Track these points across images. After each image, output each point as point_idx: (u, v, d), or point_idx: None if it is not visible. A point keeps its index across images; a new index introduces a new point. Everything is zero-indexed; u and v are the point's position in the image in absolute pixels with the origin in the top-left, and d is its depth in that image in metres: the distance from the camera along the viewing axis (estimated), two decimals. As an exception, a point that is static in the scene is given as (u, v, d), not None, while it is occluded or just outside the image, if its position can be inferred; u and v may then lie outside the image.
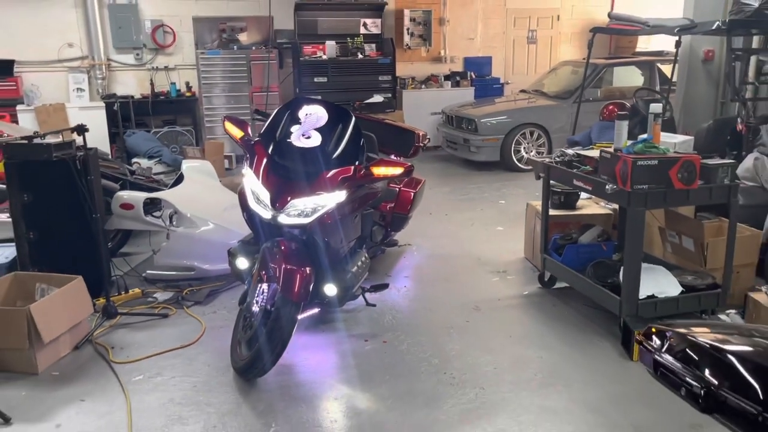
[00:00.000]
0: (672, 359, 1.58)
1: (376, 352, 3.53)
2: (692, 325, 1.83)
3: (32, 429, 2.84)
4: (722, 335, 1.65)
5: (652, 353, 1.68)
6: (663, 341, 1.69)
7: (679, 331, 1.70)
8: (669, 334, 1.70)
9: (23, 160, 3.94)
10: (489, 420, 2.88)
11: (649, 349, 1.73)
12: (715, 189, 3.46)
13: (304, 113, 3.37)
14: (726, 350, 1.48)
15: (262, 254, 3.25)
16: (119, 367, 3.37)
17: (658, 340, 1.71)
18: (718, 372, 1.43)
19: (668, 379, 1.61)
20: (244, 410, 2.98)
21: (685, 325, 1.84)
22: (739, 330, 1.71)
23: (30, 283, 3.65)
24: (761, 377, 1.33)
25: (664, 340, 1.70)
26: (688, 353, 1.57)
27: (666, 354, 1.63)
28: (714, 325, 1.75)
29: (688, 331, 1.69)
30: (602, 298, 3.72)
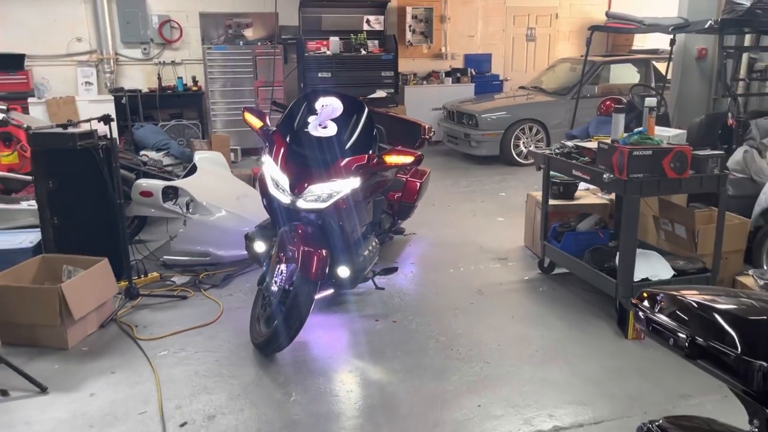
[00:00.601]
0: (662, 316, 1.78)
1: (387, 331, 3.74)
2: (683, 289, 2.00)
3: (68, 398, 3.04)
4: (710, 296, 1.83)
5: (646, 313, 1.87)
6: (654, 303, 1.88)
7: (669, 293, 1.89)
8: (660, 296, 1.88)
9: (49, 149, 4.13)
10: (494, 391, 3.10)
11: (642, 310, 1.91)
12: (705, 178, 3.68)
13: (320, 104, 3.58)
14: (709, 305, 1.68)
15: (281, 237, 3.46)
16: (144, 344, 3.57)
17: (649, 302, 1.90)
18: (701, 324, 1.63)
19: (659, 333, 1.80)
20: (265, 382, 3.19)
21: (676, 288, 2.02)
22: (726, 292, 1.92)
23: (57, 265, 3.85)
24: (738, 326, 1.54)
25: (655, 302, 1.88)
26: (676, 310, 1.76)
27: (657, 313, 1.82)
28: (703, 288, 1.96)
29: (678, 292, 1.87)
30: (599, 282, 3.93)
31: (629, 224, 3.67)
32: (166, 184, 4.66)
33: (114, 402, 3.00)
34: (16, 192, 5.91)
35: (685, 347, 1.65)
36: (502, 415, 2.89)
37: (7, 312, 3.45)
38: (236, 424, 2.83)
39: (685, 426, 1.60)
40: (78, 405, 2.97)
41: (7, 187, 5.94)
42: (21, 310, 3.43)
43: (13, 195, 5.79)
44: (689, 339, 1.62)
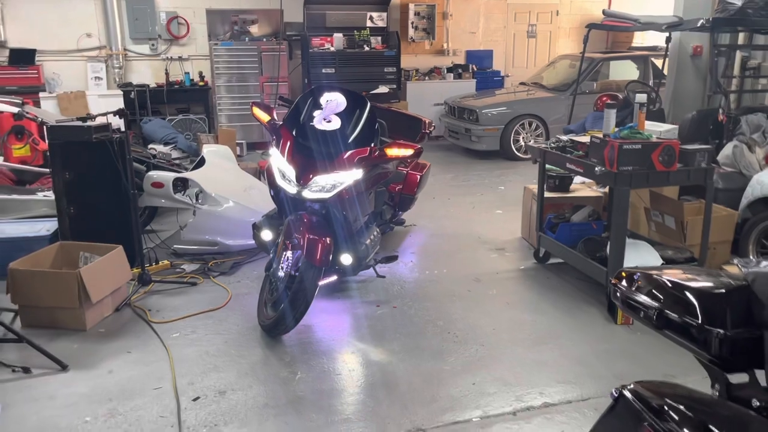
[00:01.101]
0: (636, 292, 1.96)
1: (387, 316, 3.92)
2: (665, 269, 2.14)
3: (87, 374, 3.24)
4: (681, 274, 1.99)
5: (622, 290, 2.05)
6: (632, 282, 2.05)
7: (645, 272, 2.07)
8: (637, 276, 2.06)
9: (66, 141, 4.31)
10: (488, 370, 3.28)
11: (619, 288, 2.09)
12: (692, 171, 3.85)
13: (325, 99, 3.75)
14: (678, 282, 1.85)
15: (287, 226, 3.64)
16: (157, 326, 3.76)
17: (627, 281, 2.07)
18: (668, 297, 1.81)
19: (633, 308, 1.98)
20: (272, 361, 3.38)
21: (658, 269, 2.17)
22: (696, 271, 2.09)
23: (74, 252, 4.04)
24: (700, 299, 1.72)
25: (632, 281, 2.06)
26: (648, 287, 1.94)
27: (633, 290, 2.00)
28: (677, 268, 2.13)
29: (654, 272, 2.05)
30: (591, 270, 4.11)
31: (619, 214, 3.84)
32: (177, 175, 4.85)
33: (131, 378, 3.20)
34: (30, 183, 6.11)
35: (653, 319, 1.83)
36: (496, 393, 3.08)
37: (29, 295, 3.65)
38: (245, 399, 3.02)
39: (652, 389, 1.78)
40: (97, 381, 3.17)
41: (21, 179, 6.15)
42: (42, 294, 3.63)
43: (27, 186, 5.99)
44: (657, 311, 1.80)
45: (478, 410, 2.93)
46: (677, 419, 1.58)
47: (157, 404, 2.97)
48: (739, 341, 1.66)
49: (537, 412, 2.93)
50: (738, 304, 1.68)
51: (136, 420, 2.85)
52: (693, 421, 1.56)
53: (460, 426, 2.82)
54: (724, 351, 1.67)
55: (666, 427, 1.57)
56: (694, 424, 1.54)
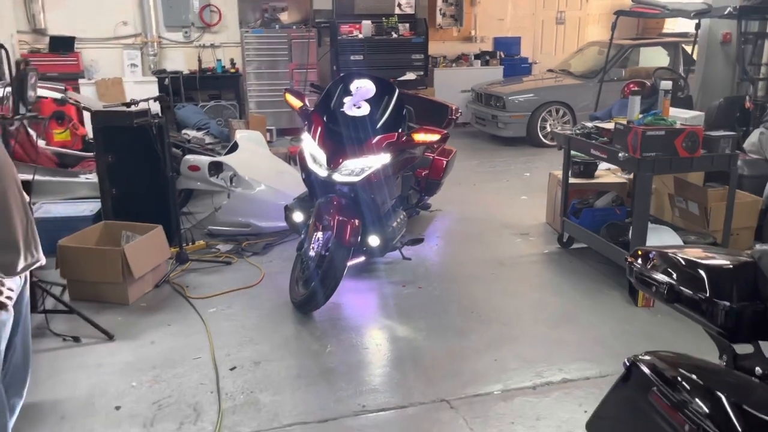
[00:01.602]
0: (648, 268, 2.06)
1: (413, 296, 4.08)
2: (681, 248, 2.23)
3: (132, 344, 3.46)
4: (694, 252, 2.07)
5: (637, 268, 2.16)
6: (647, 260, 2.16)
7: (660, 250, 2.17)
8: (652, 254, 2.17)
9: (108, 126, 4.53)
10: (510, 348, 3.42)
11: (635, 265, 2.20)
12: (716, 157, 3.90)
13: (355, 86, 3.90)
14: (690, 260, 1.95)
15: (318, 208, 3.81)
16: (195, 302, 3.97)
17: (642, 259, 2.18)
18: (679, 273, 1.92)
19: (645, 283, 2.08)
20: (303, 335, 3.57)
21: (675, 248, 2.25)
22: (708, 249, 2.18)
23: (117, 231, 4.26)
24: (708, 273, 1.83)
25: (648, 258, 2.16)
26: (662, 264, 2.05)
27: (648, 268, 2.10)
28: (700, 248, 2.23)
29: (669, 250, 2.15)
30: (613, 254, 4.20)
31: (642, 199, 3.92)
32: (213, 159, 5.05)
33: (172, 349, 3.41)
34: (71, 167, 6.39)
35: (664, 293, 1.95)
36: (516, 368, 3.21)
37: (76, 270, 3.89)
38: (279, 369, 3.21)
39: (663, 359, 1.89)
40: (141, 350, 3.39)
41: (63, 162, 6.42)
42: (88, 269, 3.87)
43: (69, 169, 6.27)
44: (668, 286, 1.92)
45: (499, 384, 3.07)
46: (686, 386, 1.70)
47: (197, 372, 3.18)
48: (745, 314, 1.77)
49: (556, 387, 3.06)
50: (744, 279, 1.79)
51: (178, 386, 3.05)
52: (700, 387, 1.68)
53: (482, 398, 2.96)
54: (730, 323, 1.78)
55: (675, 394, 1.69)
56: (702, 391, 1.66)
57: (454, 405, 2.90)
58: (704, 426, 1.55)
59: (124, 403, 2.93)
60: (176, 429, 2.74)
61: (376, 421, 2.80)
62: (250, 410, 2.87)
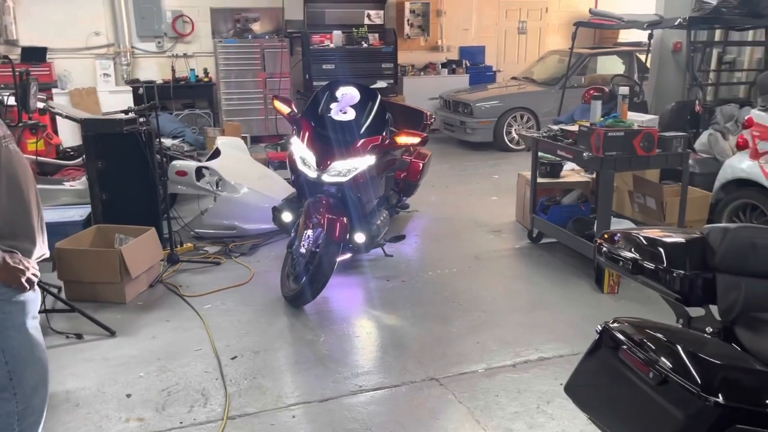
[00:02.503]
0: (617, 248, 2.37)
1: (397, 288, 4.35)
2: (642, 229, 2.55)
3: (134, 339, 3.63)
4: (652, 232, 2.38)
5: (605, 247, 2.46)
6: (613, 241, 2.46)
7: (624, 232, 2.48)
8: (617, 236, 2.47)
9: (98, 133, 4.69)
10: (490, 332, 3.71)
11: (603, 245, 2.49)
12: (670, 156, 4.29)
13: (340, 93, 4.16)
14: (649, 237, 2.27)
15: (307, 207, 4.05)
16: (190, 299, 4.15)
17: (609, 240, 2.48)
18: (641, 249, 2.23)
19: (612, 260, 2.38)
20: (297, 327, 3.80)
21: (637, 229, 2.57)
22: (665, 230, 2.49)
23: (110, 234, 4.42)
24: (664, 247, 2.14)
25: (613, 240, 2.46)
26: (626, 243, 2.35)
27: (615, 247, 2.40)
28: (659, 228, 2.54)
29: (632, 231, 2.46)
30: (580, 246, 4.55)
31: (605, 195, 4.28)
32: (200, 164, 5.23)
33: (173, 342, 3.59)
34: (51, 175, 6.47)
35: (629, 267, 2.26)
36: (497, 349, 3.51)
37: (73, 272, 4.04)
38: (278, 357, 3.44)
39: (630, 323, 2.20)
40: (144, 344, 3.57)
41: (42, 170, 6.49)
42: (85, 270, 4.02)
43: (49, 177, 6.35)
44: (632, 261, 2.23)
45: (482, 363, 3.36)
46: (650, 343, 2.00)
47: (200, 362, 3.37)
48: (696, 281, 2.09)
49: (533, 365, 3.36)
50: (695, 251, 2.11)
51: (184, 375, 3.25)
52: (663, 342, 1.98)
53: (467, 376, 3.24)
54: (684, 288, 2.10)
55: (642, 350, 1.99)
56: (664, 345, 1.97)
57: (443, 382, 3.17)
58: (666, 372, 1.85)
59: (134, 391, 3.11)
60: (187, 411, 2.94)
61: (373, 399, 3.05)
62: (255, 393, 3.09)
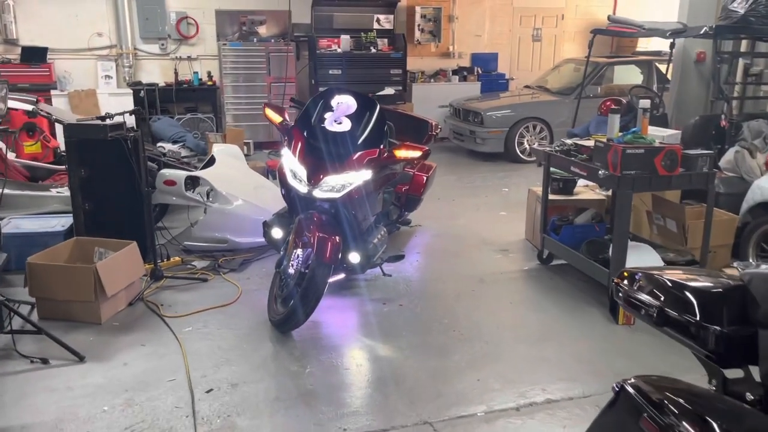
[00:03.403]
0: (638, 291, 2.04)
1: (394, 313, 4.02)
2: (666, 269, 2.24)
3: (103, 366, 3.34)
4: (680, 274, 2.08)
5: (624, 289, 2.13)
6: (633, 281, 2.14)
7: (646, 272, 2.15)
8: (638, 275, 2.15)
9: (81, 139, 4.41)
10: (492, 368, 3.38)
11: (621, 287, 2.17)
12: (694, 176, 3.94)
13: (336, 102, 3.85)
14: (677, 282, 1.94)
15: (298, 224, 3.74)
16: (170, 321, 3.86)
17: (629, 280, 2.16)
18: (668, 296, 1.90)
19: (633, 305, 2.06)
20: (282, 355, 3.48)
21: (660, 269, 2.26)
22: (694, 271, 2.17)
23: (89, 247, 4.14)
24: (698, 297, 1.81)
25: (634, 280, 2.14)
26: (649, 286, 2.02)
27: (635, 289, 2.08)
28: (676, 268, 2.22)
29: (655, 272, 2.14)
30: (593, 271, 4.20)
31: (622, 217, 3.94)
32: (189, 173, 4.95)
33: (146, 371, 3.29)
34: (42, 180, 6.22)
35: (653, 317, 1.92)
36: (499, 389, 3.17)
37: (46, 288, 3.76)
38: (257, 391, 3.12)
39: (652, 383, 1.87)
40: (113, 372, 3.27)
41: (33, 175, 6.25)
42: (58, 287, 3.73)
43: (40, 182, 6.10)
44: (657, 309, 1.89)
45: (482, 405, 3.02)
46: (676, 412, 1.66)
47: (171, 395, 3.07)
48: (735, 338, 1.75)
49: (540, 408, 3.02)
50: (734, 303, 1.77)
51: (152, 410, 2.94)
52: (691, 413, 1.64)
53: (465, 420, 2.91)
54: (720, 347, 1.75)
55: (665, 420, 1.66)
56: (692, 417, 1.62)
57: (438, 427, 2.85)
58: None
59: (94, 428, 2.81)
60: (150, 456, 2.64)
61: (358, 445, 2.73)
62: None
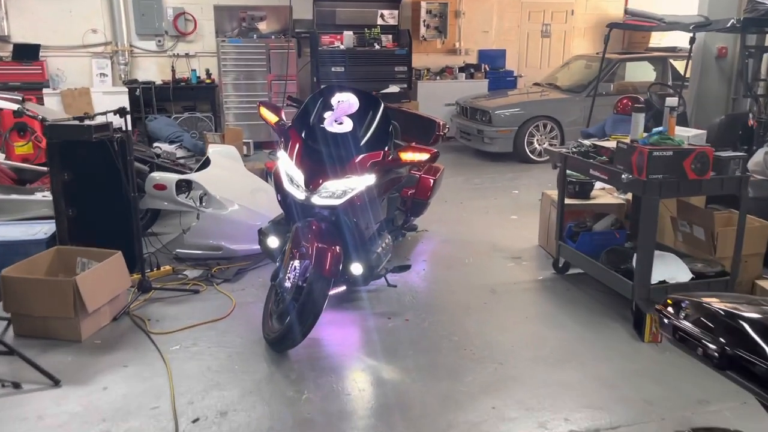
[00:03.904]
0: (690, 324, 1.73)
1: (399, 329, 3.71)
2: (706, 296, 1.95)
3: (80, 391, 3.04)
4: (733, 303, 1.78)
5: (672, 320, 1.82)
6: (679, 310, 1.83)
7: (694, 299, 1.84)
8: (685, 303, 1.83)
9: (64, 140, 4.12)
10: (508, 393, 3.06)
11: (668, 316, 1.86)
12: (726, 180, 3.62)
13: (336, 100, 3.54)
14: (737, 315, 1.63)
15: (295, 233, 3.43)
16: (156, 338, 3.56)
17: (674, 308, 1.85)
18: (729, 333, 1.59)
19: (686, 342, 1.75)
20: (277, 378, 3.18)
21: (700, 295, 1.97)
22: (747, 300, 1.86)
23: (71, 257, 3.85)
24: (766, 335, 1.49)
25: (680, 308, 1.83)
26: (702, 318, 1.71)
27: (684, 320, 1.77)
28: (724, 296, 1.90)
29: (703, 300, 1.82)
30: (615, 283, 3.88)
31: (647, 226, 3.62)
32: (180, 177, 4.65)
33: (126, 396, 3.00)
34: (30, 183, 5.93)
35: (715, 358, 1.61)
36: (517, 418, 2.86)
37: (22, 303, 3.46)
38: (248, 421, 2.82)
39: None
40: (91, 398, 2.97)
41: (21, 178, 5.96)
42: (35, 302, 3.44)
43: (28, 186, 5.82)
44: (720, 350, 1.58)
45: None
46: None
47: (153, 425, 2.77)
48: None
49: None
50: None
51: (131, 443, 2.65)
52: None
53: (480, 456, 2.61)
54: (799, 397, 1.45)
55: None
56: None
57: (449, 465, 2.54)
58: None
59: (65, 466, 2.52)
60: (125, 500, 2.34)
61: (360, 487, 2.43)
62: (214, 474, 2.48)
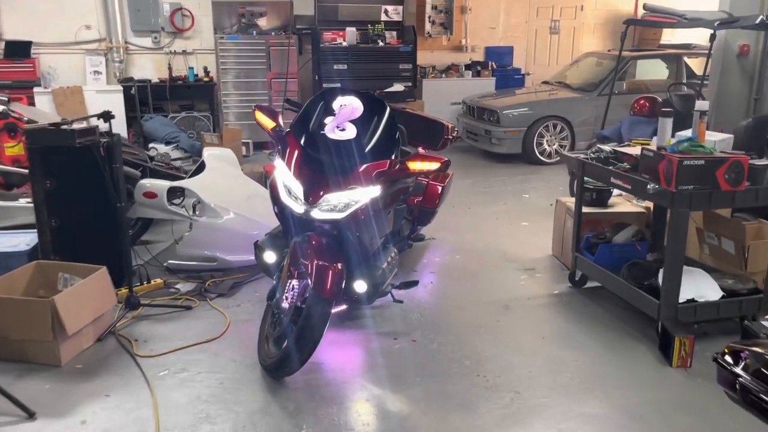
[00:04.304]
0: (760, 382, 1.46)
1: (406, 351, 3.43)
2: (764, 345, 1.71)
3: (57, 424, 2.77)
4: None
5: (733, 373, 1.57)
6: (738, 360, 1.58)
7: (756, 350, 1.59)
8: (744, 354, 1.59)
9: (46, 146, 3.84)
10: (527, 427, 2.79)
11: (727, 367, 1.61)
12: (762, 191, 3.34)
13: (338, 104, 3.26)
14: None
15: (293, 249, 3.15)
16: (143, 361, 3.29)
17: (732, 358, 1.60)
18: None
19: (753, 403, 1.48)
20: (273, 410, 2.90)
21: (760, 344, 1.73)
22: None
23: (52, 272, 3.58)
24: None
25: (739, 358, 1.59)
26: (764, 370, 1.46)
27: (748, 375, 1.51)
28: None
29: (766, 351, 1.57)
30: (638, 300, 3.60)
31: (676, 240, 3.33)
32: (172, 184, 4.37)
33: (107, 431, 2.72)
34: (18, 187, 5.67)
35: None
36: (537, 458, 2.59)
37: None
38: (240, 461, 2.55)
39: None
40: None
41: (8, 181, 5.69)
42: (11, 324, 3.16)
43: (14, 190, 5.55)
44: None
45: (518, 483, 2.44)
46: None
47: (135, 468, 2.50)
48: None
49: (590, 487, 2.43)
50: None
51: (109, 489, 2.38)
52: None
53: (498, 505, 2.33)
54: None
55: None
56: None
57: None
58: None
59: None
60: None
61: None
62: None
